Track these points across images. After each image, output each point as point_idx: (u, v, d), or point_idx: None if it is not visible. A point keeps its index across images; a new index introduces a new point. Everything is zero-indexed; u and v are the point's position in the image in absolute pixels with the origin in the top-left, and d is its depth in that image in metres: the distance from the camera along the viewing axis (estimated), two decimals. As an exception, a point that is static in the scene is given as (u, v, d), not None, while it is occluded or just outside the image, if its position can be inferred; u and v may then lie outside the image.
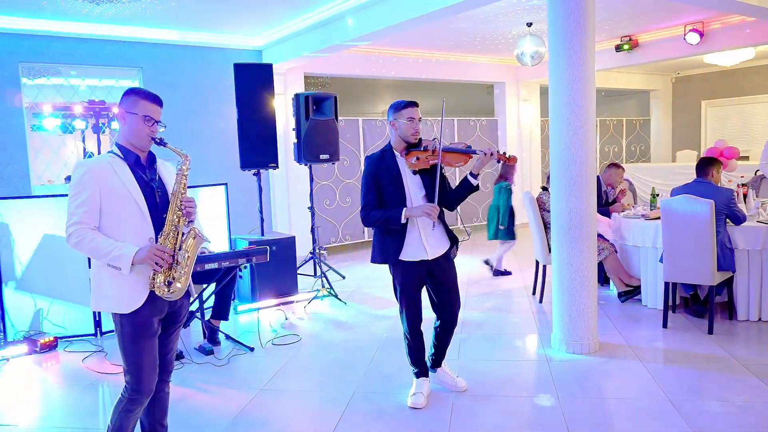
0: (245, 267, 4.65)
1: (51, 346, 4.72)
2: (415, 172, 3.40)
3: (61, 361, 4.53)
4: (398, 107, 3.39)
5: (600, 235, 5.55)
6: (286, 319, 5.34)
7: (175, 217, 2.47)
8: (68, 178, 7.88)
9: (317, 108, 6.19)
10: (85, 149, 7.03)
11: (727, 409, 3.29)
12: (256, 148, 5.93)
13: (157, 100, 2.55)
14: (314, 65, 8.23)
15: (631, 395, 3.55)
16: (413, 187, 3.40)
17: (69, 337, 4.94)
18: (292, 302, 5.85)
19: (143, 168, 2.56)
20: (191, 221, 2.54)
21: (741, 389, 3.53)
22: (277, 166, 6.07)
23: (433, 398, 3.56)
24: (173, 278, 2.44)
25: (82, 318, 4.99)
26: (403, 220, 3.31)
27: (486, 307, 5.55)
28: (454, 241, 3.53)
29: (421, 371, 3.58)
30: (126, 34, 6.77)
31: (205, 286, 4.83)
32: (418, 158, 3.37)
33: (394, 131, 3.40)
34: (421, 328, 3.53)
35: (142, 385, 2.48)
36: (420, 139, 3.43)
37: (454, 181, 7.83)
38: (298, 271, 6.45)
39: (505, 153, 3.45)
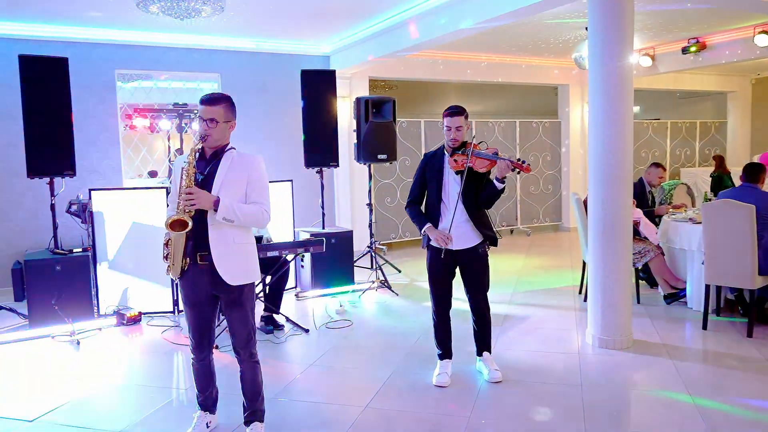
0: (303, 256, 5.11)
1: (136, 320, 5.39)
2: (456, 172, 3.76)
3: (144, 332, 5.18)
4: (443, 114, 3.77)
5: (645, 237, 5.65)
6: (341, 305, 5.78)
7: (181, 205, 2.83)
8: (151, 173, 8.72)
9: (377, 111, 6.61)
10: (170, 147, 7.77)
11: (746, 409, 3.41)
12: (319, 148, 6.42)
13: (202, 101, 2.89)
14: (379, 69, 8.65)
15: (653, 388, 3.73)
16: (452, 184, 3.77)
17: (151, 312, 5.61)
18: (348, 291, 6.29)
19: (203, 160, 2.96)
20: (189, 212, 2.81)
21: (765, 391, 3.63)
22: (337, 165, 6.54)
23: (463, 380, 3.89)
24: (170, 263, 2.89)
25: (163, 296, 5.65)
26: (421, 234, 3.79)
27: (532, 303, 5.78)
28: (487, 238, 3.82)
29: (444, 353, 3.94)
30: (207, 43, 7.46)
31: (268, 275, 5.32)
32: (456, 160, 3.73)
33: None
34: (450, 314, 3.89)
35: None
36: (464, 142, 3.77)
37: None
38: (356, 264, 6.91)
39: (522, 162, 3.64)
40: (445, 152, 3.81)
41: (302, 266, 6.53)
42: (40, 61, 5.12)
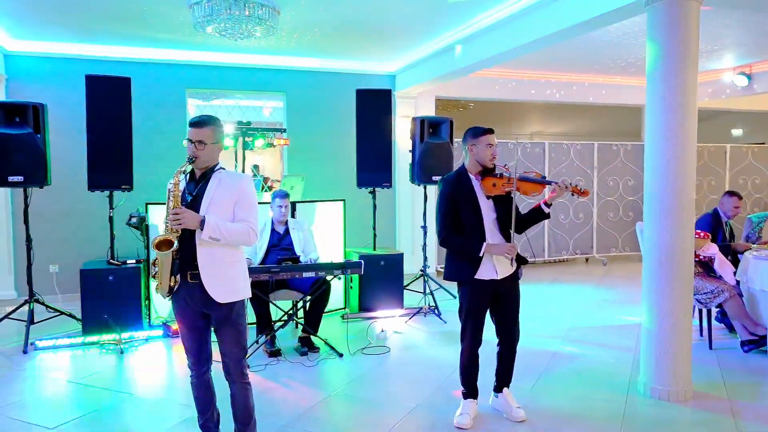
0: (339, 278, 5.00)
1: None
2: (488, 197, 3.51)
3: (186, 346, 5.25)
4: (477, 133, 3.55)
5: (719, 276, 5.07)
6: (382, 330, 5.61)
7: (168, 225, 2.83)
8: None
9: (433, 131, 6.43)
10: (237, 165, 7.95)
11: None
12: (372, 167, 6.33)
13: (190, 124, 2.95)
14: (447, 89, 8.48)
15: (704, 451, 3.26)
16: (486, 211, 3.52)
17: (197, 326, 5.70)
18: (394, 316, 6.11)
19: (193, 180, 2.99)
20: (176, 232, 2.83)
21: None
22: (390, 186, 6.42)
23: (487, 422, 3.60)
24: (158, 281, 2.88)
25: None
26: (481, 254, 3.44)
27: (588, 341, 5.33)
28: (521, 262, 3.58)
29: (469, 393, 3.65)
30: (274, 62, 7.62)
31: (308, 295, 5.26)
32: (494, 184, 3.50)
33: (471, 155, 3.56)
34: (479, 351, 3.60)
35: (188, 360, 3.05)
36: (494, 165, 3.54)
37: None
38: (408, 287, 6.72)
39: (578, 187, 3.45)
40: (470, 175, 3.57)
41: (351, 287, 6.44)
42: (105, 80, 5.40)
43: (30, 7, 5.45)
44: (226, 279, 2.92)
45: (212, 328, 3.01)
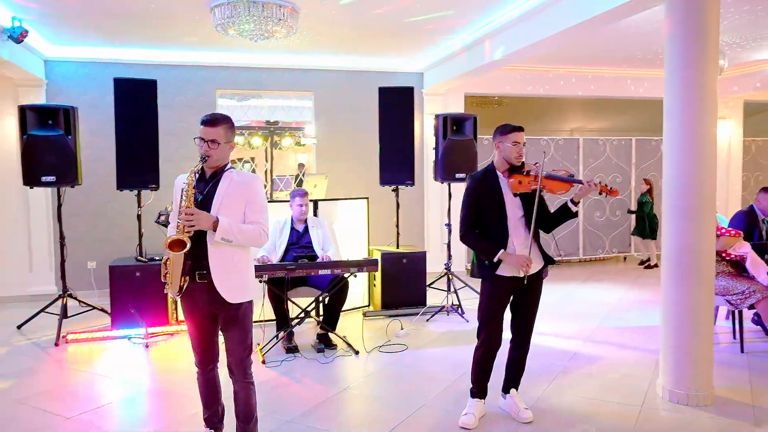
0: (355, 275, 5.01)
1: (205, 328, 5.61)
2: (515, 194, 3.46)
3: (208, 341, 5.38)
4: (505, 131, 3.50)
5: (752, 277, 4.84)
6: (402, 328, 5.60)
7: (180, 225, 2.82)
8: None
9: (457, 128, 6.36)
10: (266, 164, 8.09)
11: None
12: (395, 166, 6.32)
13: (202, 122, 2.94)
14: (476, 84, 8.37)
15: (717, 459, 3.12)
16: (512, 208, 3.47)
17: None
18: (416, 314, 6.08)
19: (203, 180, 2.98)
20: (188, 232, 2.81)
21: None
22: (412, 184, 6.39)
23: (493, 423, 3.54)
24: (167, 282, 2.87)
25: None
26: (495, 260, 3.40)
27: (612, 342, 5.18)
28: (547, 261, 3.53)
29: (478, 392, 3.60)
30: (302, 62, 7.71)
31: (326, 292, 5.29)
32: (520, 182, 3.44)
33: (498, 152, 3.52)
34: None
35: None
36: (523, 163, 3.49)
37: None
38: (432, 286, 6.69)
39: (607, 185, 3.39)
40: (498, 173, 3.52)
41: (374, 285, 6.45)
42: (132, 83, 5.58)
43: (67, 14, 5.67)
44: (236, 279, 2.93)
45: (219, 327, 3.03)
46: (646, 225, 8.72)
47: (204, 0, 5.29)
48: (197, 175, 2.96)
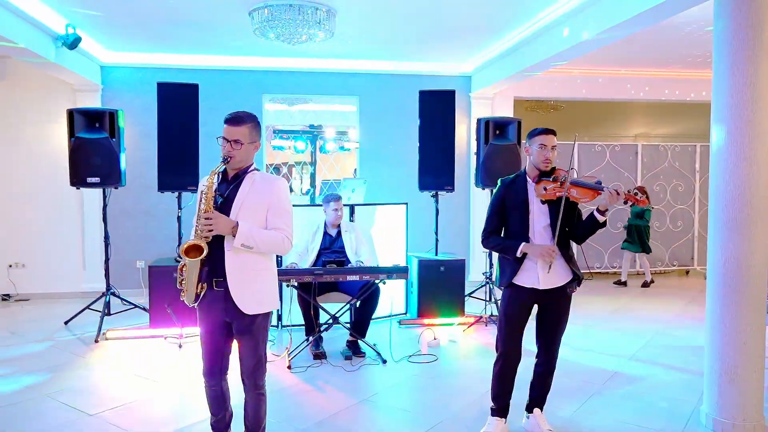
0: (383, 282, 4.89)
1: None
2: (543, 202, 3.29)
3: (241, 343, 5.40)
4: (533, 134, 3.37)
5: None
6: (435, 338, 5.43)
7: (198, 230, 2.74)
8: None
9: (500, 133, 6.16)
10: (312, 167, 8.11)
11: None
12: (434, 170, 6.17)
13: (226, 121, 2.80)
14: (525, 88, 8.10)
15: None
16: (538, 216, 3.30)
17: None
18: (452, 323, 5.90)
19: (225, 181, 2.89)
20: (206, 237, 2.72)
21: None
22: (452, 189, 6.22)
23: (512, 444, 3.34)
24: (183, 289, 2.77)
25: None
26: (518, 254, 3.24)
27: (659, 362, 4.83)
28: (576, 276, 3.31)
29: (498, 410, 3.41)
30: (348, 66, 7.68)
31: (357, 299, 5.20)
32: (546, 188, 3.28)
33: (528, 157, 3.36)
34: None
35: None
36: (553, 168, 3.32)
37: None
38: (473, 295, 6.49)
39: (636, 194, 3.18)
40: (528, 179, 3.35)
41: (411, 292, 6.31)
42: (174, 87, 5.69)
43: (118, 21, 5.88)
44: (254, 289, 2.81)
45: (232, 336, 2.92)
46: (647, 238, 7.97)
47: (242, 4, 5.34)
48: (219, 177, 2.86)
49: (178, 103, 5.67)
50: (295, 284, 4.77)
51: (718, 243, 3.50)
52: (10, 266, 7.25)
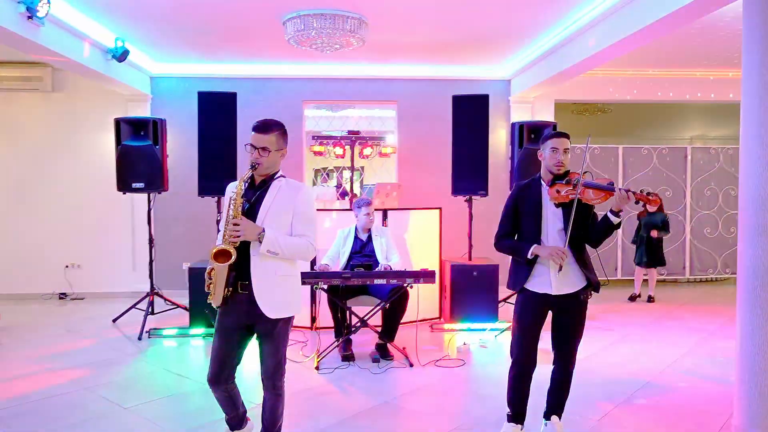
0: (411, 286, 4.92)
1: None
2: (557, 205, 3.27)
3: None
4: (545, 137, 3.34)
5: None
6: (464, 343, 5.42)
7: (226, 235, 2.80)
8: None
9: (535, 137, 6.09)
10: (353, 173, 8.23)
11: None
12: (468, 175, 6.16)
13: (254, 128, 2.88)
14: (566, 91, 7.96)
15: None
16: (552, 219, 3.27)
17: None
18: (484, 329, 5.87)
19: (252, 188, 2.96)
20: (233, 242, 2.77)
21: None
22: (486, 194, 6.19)
23: (528, 451, 3.31)
24: (211, 292, 2.86)
25: (303, 311, 5.97)
26: (529, 256, 3.23)
27: (694, 373, 4.67)
28: (591, 283, 3.25)
29: (514, 416, 3.38)
30: (387, 72, 7.77)
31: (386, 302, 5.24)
32: (558, 191, 3.25)
33: (542, 161, 3.35)
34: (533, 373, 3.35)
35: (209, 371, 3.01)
36: (567, 171, 3.29)
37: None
38: (507, 301, 6.43)
39: (648, 194, 3.11)
40: (542, 182, 3.34)
41: (445, 297, 6.32)
42: (213, 96, 5.92)
43: (163, 34, 6.19)
44: (279, 294, 2.88)
45: (247, 342, 3.02)
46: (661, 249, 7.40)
47: (277, 15, 5.51)
48: (246, 184, 2.93)
49: (217, 111, 5.89)
50: (324, 287, 4.88)
51: (750, 249, 3.36)
52: (67, 267, 7.70)
